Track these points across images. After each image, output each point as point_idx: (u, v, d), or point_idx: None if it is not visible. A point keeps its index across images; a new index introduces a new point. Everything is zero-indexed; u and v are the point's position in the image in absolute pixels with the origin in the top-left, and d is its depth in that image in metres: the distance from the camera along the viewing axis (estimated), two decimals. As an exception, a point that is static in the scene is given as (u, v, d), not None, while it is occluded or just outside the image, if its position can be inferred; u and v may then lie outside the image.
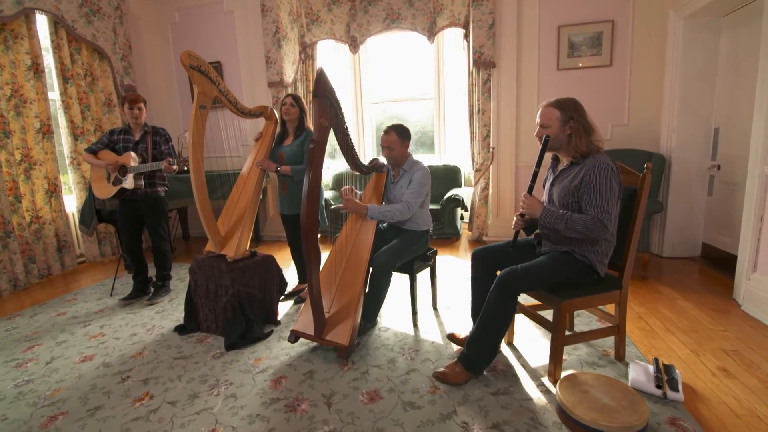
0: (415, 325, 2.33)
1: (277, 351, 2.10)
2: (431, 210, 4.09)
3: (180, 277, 3.37)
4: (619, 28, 3.51)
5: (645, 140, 3.54)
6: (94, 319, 2.65)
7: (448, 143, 5.15)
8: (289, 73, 4.48)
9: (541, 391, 1.67)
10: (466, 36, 4.11)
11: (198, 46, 4.67)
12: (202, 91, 2.20)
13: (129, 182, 2.67)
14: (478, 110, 3.93)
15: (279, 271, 2.52)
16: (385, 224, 2.42)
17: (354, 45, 4.72)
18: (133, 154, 2.69)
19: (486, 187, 4.09)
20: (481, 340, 1.70)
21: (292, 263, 3.06)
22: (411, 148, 2.35)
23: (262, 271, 2.40)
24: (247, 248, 2.40)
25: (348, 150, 2.13)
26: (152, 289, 3.00)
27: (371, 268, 2.10)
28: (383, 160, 2.39)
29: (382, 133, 2.28)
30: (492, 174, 4.03)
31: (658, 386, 1.61)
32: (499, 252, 1.93)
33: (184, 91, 4.81)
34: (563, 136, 1.68)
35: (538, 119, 1.75)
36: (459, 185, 4.62)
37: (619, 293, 1.79)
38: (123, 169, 2.69)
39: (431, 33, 4.40)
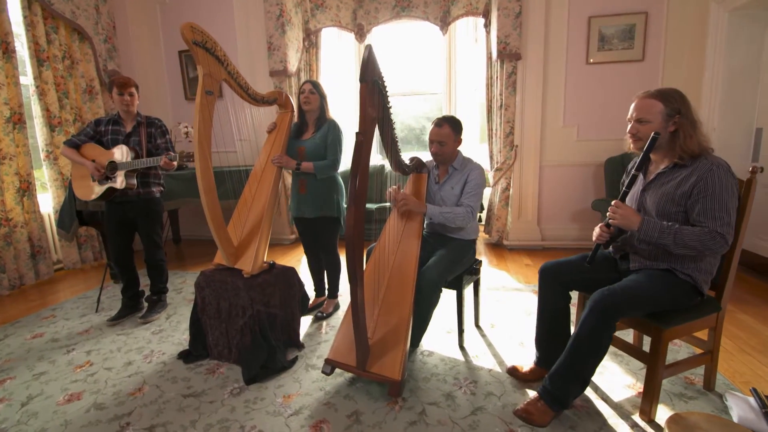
0: (462, 347, 2.04)
1: (308, 385, 1.77)
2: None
3: (176, 288, 2.98)
4: (653, 21, 3.30)
5: (680, 140, 3.34)
6: (79, 342, 2.24)
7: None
8: (293, 62, 4.11)
9: (638, 435, 1.41)
10: (486, 26, 3.84)
11: (190, 29, 4.22)
12: (208, 73, 1.84)
13: (119, 181, 2.28)
14: (501, 105, 3.67)
15: (301, 285, 2.18)
16: (425, 231, 2.12)
17: (360, 34, 4.38)
18: (124, 148, 2.29)
19: (507, 188, 3.83)
20: (571, 374, 1.42)
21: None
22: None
23: (283, 287, 2.06)
24: (265, 259, 2.06)
25: (393, 146, 1.81)
26: (145, 305, 2.61)
27: (419, 285, 1.79)
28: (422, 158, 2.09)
29: (432, 126, 1.98)
30: (514, 174, 3.77)
31: (776, 426, 1.37)
32: (573, 267, 1.66)
33: (175, 78, 4.36)
34: (665, 134, 1.42)
35: (632, 113, 1.48)
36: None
37: (716, 316, 1.55)
38: (112, 166, 2.29)
39: (444, 23, 4.10)
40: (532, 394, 1.64)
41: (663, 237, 1.37)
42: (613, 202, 1.48)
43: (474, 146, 4.87)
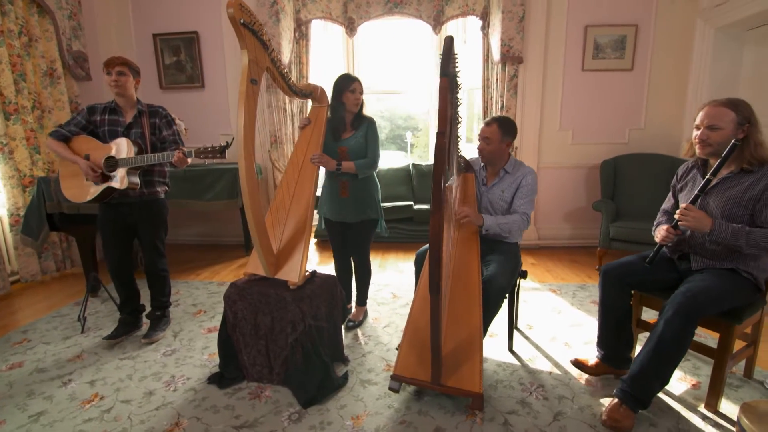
0: (512, 350, 2.02)
1: (373, 403, 1.64)
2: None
3: (174, 301, 2.64)
4: (642, 33, 3.53)
5: (663, 145, 3.63)
6: (74, 370, 1.90)
7: (448, 141, 4.91)
8: (286, 53, 3.86)
9: (712, 426, 1.48)
10: (483, 28, 3.88)
11: (167, 9, 3.80)
12: (254, 60, 1.64)
13: (120, 180, 1.96)
14: (502, 107, 3.72)
15: (343, 294, 2.03)
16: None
17: (351, 28, 4.23)
18: (126, 141, 1.97)
19: (505, 189, 3.91)
20: (654, 375, 1.45)
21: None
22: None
23: (327, 297, 1.89)
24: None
25: (455, 145, 1.74)
26: (144, 322, 2.29)
27: (487, 294, 1.73)
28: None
29: (483, 125, 1.93)
30: (513, 175, 3.86)
31: (824, 410, 1.51)
32: (635, 268, 1.70)
33: (148, 64, 3.88)
34: (730, 141, 1.49)
35: (702, 120, 1.54)
36: (465, 185, 4.40)
37: (761, 309, 1.67)
38: (110, 162, 1.96)
39: (438, 22, 4.08)
40: (598, 392, 1.67)
41: (735, 238, 1.44)
42: (683, 205, 1.53)
43: (462, 145, 4.93)
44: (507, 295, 1.89)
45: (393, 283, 3.00)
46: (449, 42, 1.44)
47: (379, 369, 1.88)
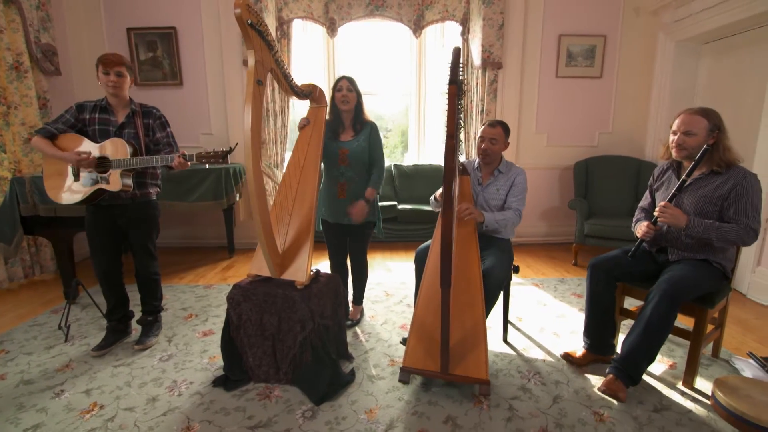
0: (506, 341, 2.13)
1: (383, 396, 1.69)
2: (429, 211, 3.94)
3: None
4: (609, 44, 3.80)
5: (628, 148, 3.92)
6: (66, 380, 1.81)
7: (427, 142, 5.03)
8: (270, 52, 3.80)
9: (691, 401, 1.65)
10: (463, 33, 4.02)
11: (142, 3, 3.65)
12: (260, 60, 1.65)
13: (114, 182, 1.89)
14: (482, 110, 3.88)
15: (345, 293, 2.06)
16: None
17: (332, 28, 4.26)
18: (121, 141, 1.90)
19: (485, 189, 4.07)
20: (642, 354, 1.60)
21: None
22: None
23: (332, 296, 1.92)
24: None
25: (458, 147, 1.82)
26: (134, 329, 2.21)
27: (487, 286, 1.83)
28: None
29: (485, 126, 2.04)
30: (493, 175, 4.02)
31: (780, 381, 1.72)
32: (619, 262, 1.86)
33: (120, 60, 3.71)
34: (703, 145, 1.67)
35: (678, 126, 1.71)
36: (446, 185, 4.53)
37: (728, 295, 1.87)
38: (103, 162, 1.89)
39: (418, 26, 4.20)
40: (591, 377, 1.81)
41: (707, 232, 1.62)
42: (662, 203, 1.70)
43: (438, 147, 5.06)
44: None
45: (383, 281, 3.06)
46: (457, 52, 1.52)
47: (383, 364, 1.93)
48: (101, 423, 1.54)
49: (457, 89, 1.52)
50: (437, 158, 4.79)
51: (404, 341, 2.01)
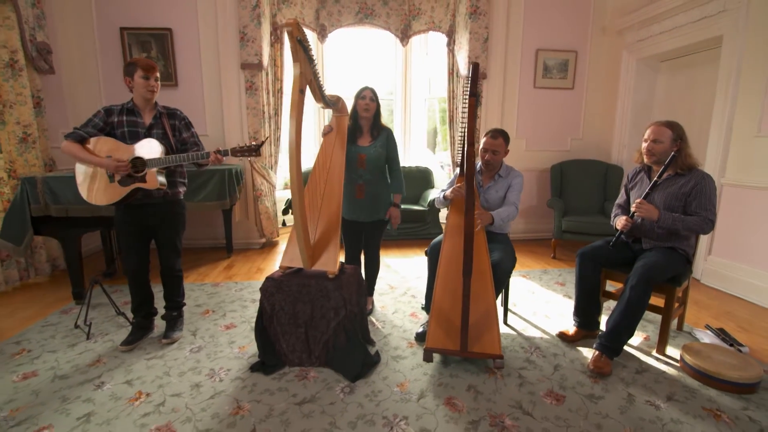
0: (507, 323, 2.41)
1: (410, 372, 1.90)
2: (418, 211, 4.20)
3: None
4: (580, 59, 4.23)
5: (597, 152, 4.36)
6: (103, 373, 1.87)
7: (412, 145, 5.30)
8: (266, 56, 3.91)
9: (664, 364, 1.98)
10: (449, 44, 4.31)
11: (137, 2, 3.64)
12: (303, 72, 1.81)
13: (151, 180, 1.97)
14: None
15: (365, 284, 2.24)
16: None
17: (323, 34, 4.43)
18: (155, 141, 1.99)
19: (471, 189, 4.38)
20: (624, 329, 1.91)
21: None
22: None
23: (356, 286, 2.11)
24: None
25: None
26: (156, 325, 2.28)
27: (497, 275, 2.08)
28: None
29: (487, 137, 2.28)
30: (478, 177, 4.34)
31: (731, 344, 2.10)
32: (603, 251, 2.18)
33: (112, 60, 3.69)
34: (669, 152, 2.01)
35: (649, 135, 2.05)
36: (432, 186, 4.80)
37: (689, 277, 2.24)
38: (137, 162, 1.96)
39: (405, 35, 4.45)
40: (582, 349, 2.11)
41: (675, 224, 1.96)
42: (638, 200, 2.03)
43: (421, 150, 5.34)
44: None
45: (384, 276, 3.26)
46: (476, 68, 1.76)
47: (403, 347, 2.14)
48: (153, 408, 1.64)
49: (476, 101, 1.76)
50: (422, 161, 5.06)
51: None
